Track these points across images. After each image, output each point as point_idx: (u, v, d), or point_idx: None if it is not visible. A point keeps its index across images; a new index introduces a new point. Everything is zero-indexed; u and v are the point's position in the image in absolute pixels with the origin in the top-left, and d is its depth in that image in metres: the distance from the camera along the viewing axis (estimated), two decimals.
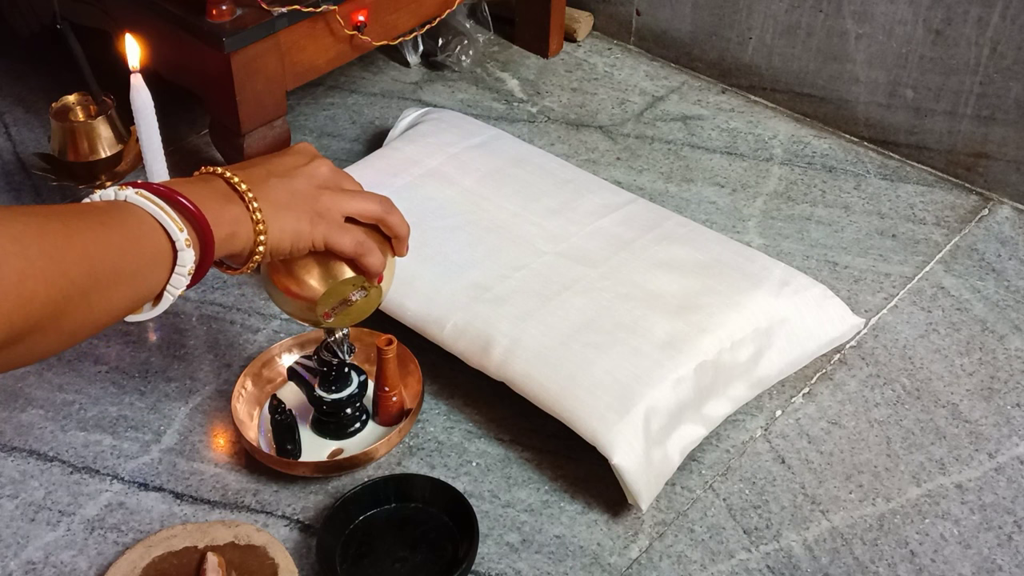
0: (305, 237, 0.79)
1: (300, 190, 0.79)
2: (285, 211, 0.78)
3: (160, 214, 0.69)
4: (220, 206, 0.74)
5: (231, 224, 0.74)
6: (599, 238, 1.11)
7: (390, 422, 1.00)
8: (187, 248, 0.70)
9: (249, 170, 0.78)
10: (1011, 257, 1.20)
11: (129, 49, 1.05)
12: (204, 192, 0.73)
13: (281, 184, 0.79)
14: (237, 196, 0.75)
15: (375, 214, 0.84)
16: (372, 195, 0.85)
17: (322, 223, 0.80)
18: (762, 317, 1.02)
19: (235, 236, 0.75)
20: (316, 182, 0.81)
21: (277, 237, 0.78)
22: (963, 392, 1.05)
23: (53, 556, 0.91)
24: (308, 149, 0.84)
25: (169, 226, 0.69)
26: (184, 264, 0.70)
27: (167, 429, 1.01)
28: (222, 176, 0.76)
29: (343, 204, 0.82)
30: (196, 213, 0.71)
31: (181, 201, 0.70)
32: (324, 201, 0.80)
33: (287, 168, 0.81)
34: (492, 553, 0.91)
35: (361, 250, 0.82)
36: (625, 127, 1.40)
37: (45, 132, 1.31)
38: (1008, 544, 0.92)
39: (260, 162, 0.81)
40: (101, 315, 0.66)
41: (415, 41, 1.50)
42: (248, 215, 0.75)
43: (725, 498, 0.95)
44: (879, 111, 1.34)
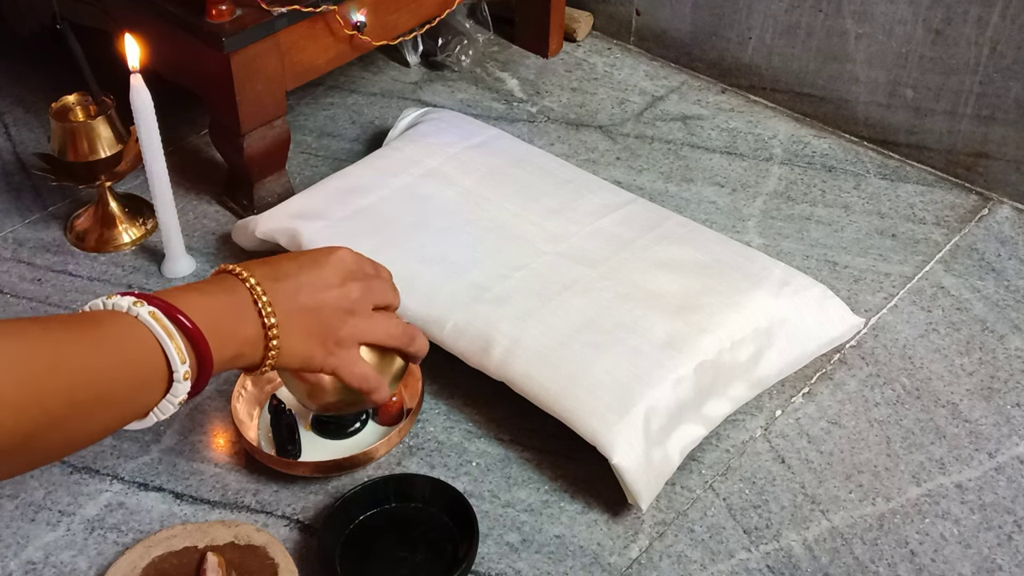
0: (316, 363, 0.77)
1: (324, 316, 0.76)
2: (302, 337, 0.75)
3: (166, 342, 0.65)
4: (234, 326, 0.71)
5: (241, 346, 0.71)
6: (599, 238, 1.11)
7: (390, 422, 1.00)
8: (184, 381, 0.66)
9: (280, 283, 0.74)
10: (1011, 257, 1.20)
11: (129, 49, 1.05)
12: (221, 308, 0.70)
13: (308, 305, 0.75)
14: (257, 316, 0.72)
15: (397, 345, 0.82)
16: (396, 323, 0.82)
17: (338, 352, 0.78)
18: (762, 317, 1.02)
19: (241, 356, 0.72)
20: (344, 306, 0.77)
21: (286, 359, 0.75)
22: (963, 392, 1.05)
23: (53, 556, 0.91)
24: (345, 263, 0.79)
25: (172, 357, 0.65)
26: (176, 395, 0.67)
27: (167, 429, 1.01)
28: (250, 289, 0.73)
29: (367, 333, 0.79)
30: (201, 344, 0.67)
31: (187, 328, 0.67)
32: (347, 329, 0.78)
33: (318, 286, 0.76)
34: (492, 553, 0.91)
35: (367, 388, 0.81)
36: (625, 127, 1.40)
37: (45, 132, 1.31)
38: (1008, 544, 0.92)
39: (292, 272, 0.76)
40: (77, 439, 0.64)
41: (415, 41, 1.50)
42: (263, 342, 0.73)
43: (725, 498, 0.95)
44: (879, 111, 1.34)
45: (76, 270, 1.18)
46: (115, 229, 1.22)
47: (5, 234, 1.23)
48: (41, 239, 1.22)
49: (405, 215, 1.14)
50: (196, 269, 1.18)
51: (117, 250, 1.21)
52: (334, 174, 1.22)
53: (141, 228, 1.23)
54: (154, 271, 1.18)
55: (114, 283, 1.16)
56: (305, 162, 1.34)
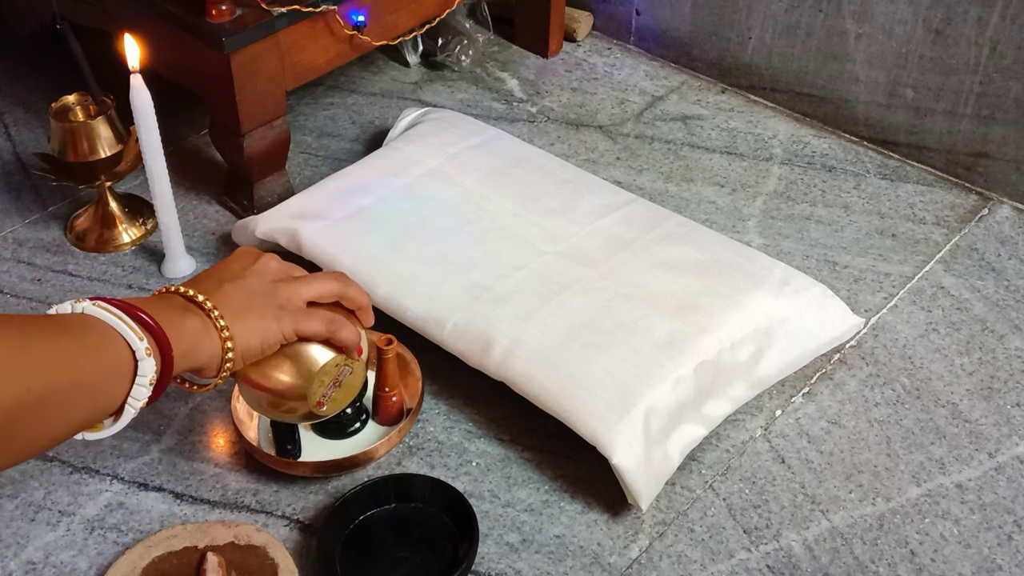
0: (274, 332, 0.79)
1: (256, 289, 0.79)
2: (247, 313, 0.78)
3: (119, 324, 0.68)
4: (180, 319, 0.73)
5: (193, 336, 0.74)
6: (599, 238, 1.11)
7: (390, 422, 1.00)
8: (148, 357, 0.68)
9: (201, 284, 0.78)
10: (1011, 257, 1.20)
11: (129, 49, 1.05)
12: (161, 307, 0.73)
13: (236, 287, 0.78)
14: (196, 307, 0.75)
15: (334, 292, 0.84)
16: (326, 274, 0.85)
17: (286, 315, 0.80)
18: (762, 317, 1.02)
19: (199, 347, 0.74)
20: (269, 277, 0.81)
21: (245, 340, 0.77)
22: (963, 392, 1.05)
23: (53, 556, 0.91)
24: (251, 251, 0.84)
25: (128, 336, 0.68)
26: (145, 374, 0.68)
27: (167, 429, 1.01)
28: (177, 292, 0.76)
29: (301, 291, 0.82)
30: (153, 326, 0.70)
31: (138, 315, 0.69)
32: (282, 293, 0.80)
33: (236, 272, 0.80)
34: (492, 553, 0.91)
35: (333, 327, 0.82)
36: (625, 127, 1.40)
37: (45, 132, 1.31)
38: (1008, 544, 0.92)
39: (209, 274, 0.81)
40: (57, 427, 0.65)
41: (415, 41, 1.50)
42: (211, 324, 0.75)
43: (725, 498, 0.95)
44: (879, 111, 1.34)
45: (76, 270, 1.18)
46: (115, 229, 1.22)
47: (5, 234, 1.23)
48: (41, 239, 1.22)
49: (405, 215, 1.14)
50: (196, 269, 1.18)
51: (117, 250, 1.21)
52: (334, 174, 1.22)
53: (141, 228, 1.23)
54: (154, 271, 1.18)
55: (114, 283, 1.16)
56: (305, 162, 1.34)
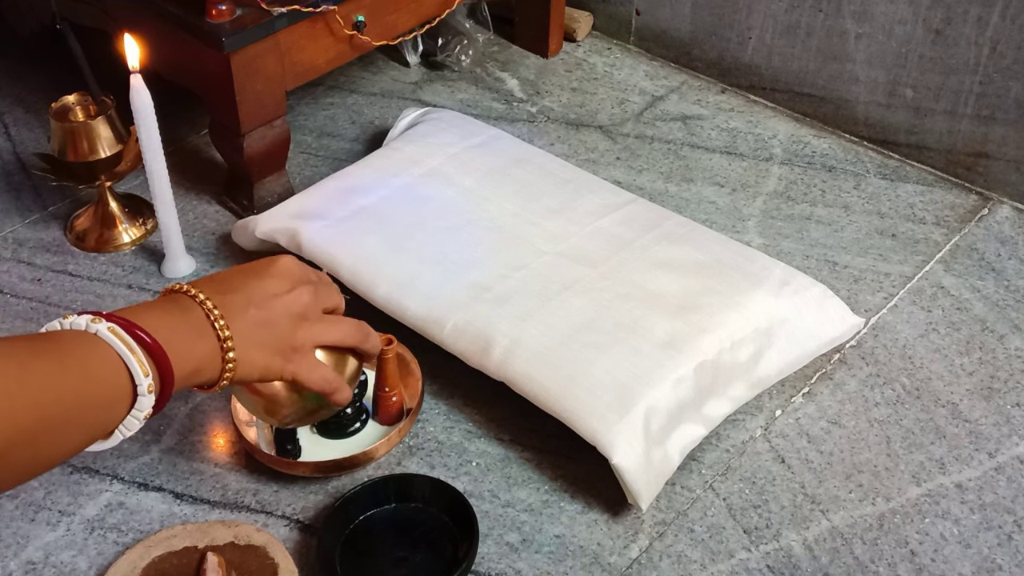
0: (275, 372, 0.78)
1: (278, 324, 0.77)
2: (258, 347, 0.76)
3: (128, 356, 0.66)
4: (191, 342, 0.71)
5: (199, 361, 0.72)
6: (599, 238, 1.11)
7: (390, 422, 1.00)
8: (148, 394, 0.67)
9: (229, 297, 0.75)
10: (1011, 257, 1.20)
11: (129, 49, 1.05)
12: (177, 325, 0.71)
13: (259, 316, 0.76)
14: (212, 332, 0.73)
15: (352, 343, 0.83)
16: (349, 323, 0.84)
17: (295, 358, 0.78)
18: (762, 317, 1.02)
19: (201, 372, 0.73)
20: (296, 311, 0.78)
21: (245, 370, 0.76)
22: (963, 392, 1.05)
23: (53, 556, 0.91)
24: (291, 271, 0.80)
25: (135, 370, 0.66)
26: (141, 409, 0.67)
27: (167, 429, 1.01)
28: (200, 304, 0.73)
29: (321, 336, 0.80)
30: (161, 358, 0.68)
31: (147, 342, 0.68)
32: (301, 335, 0.79)
33: (267, 297, 0.77)
34: (492, 553, 0.91)
35: (328, 389, 0.81)
36: (625, 127, 1.40)
37: (45, 132, 1.31)
38: (1008, 544, 0.92)
39: (240, 285, 0.77)
40: (48, 458, 0.64)
41: (415, 41, 1.50)
42: (220, 354, 0.73)
43: (725, 498, 0.95)
44: (879, 111, 1.34)
45: (76, 270, 1.18)
46: (115, 229, 1.22)
47: (5, 234, 1.23)
48: (41, 239, 1.22)
49: (405, 215, 1.14)
50: (196, 269, 1.18)
51: (117, 250, 1.21)
52: (334, 174, 1.22)
53: (141, 228, 1.23)
54: (154, 271, 1.18)
55: (114, 283, 1.16)
56: (305, 162, 1.34)
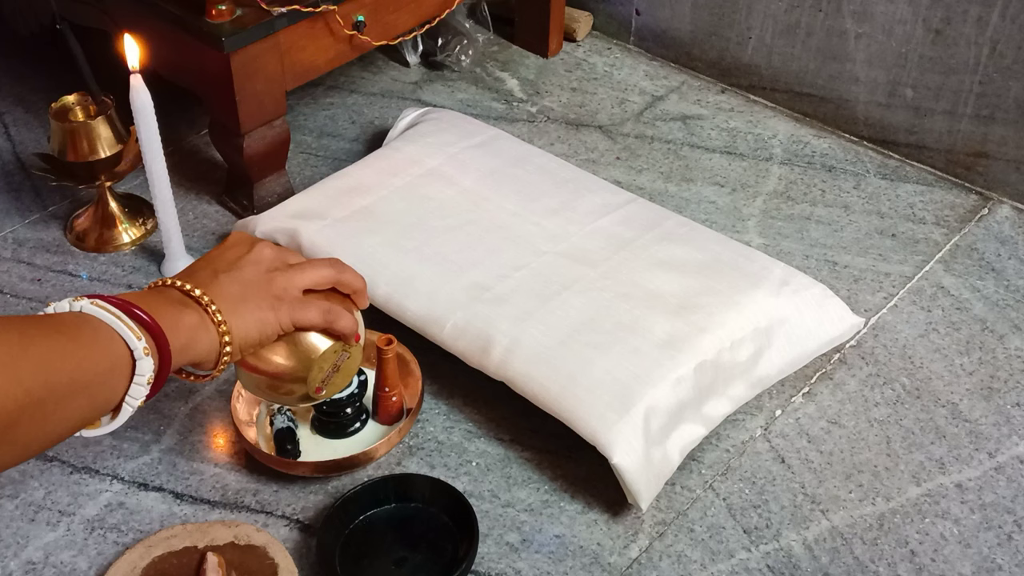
0: (271, 324, 0.78)
1: (251, 279, 0.79)
2: (243, 304, 0.77)
3: (117, 323, 0.67)
4: (176, 313, 0.73)
5: (189, 330, 0.73)
6: (599, 238, 1.11)
7: (390, 422, 1.00)
8: (145, 356, 0.68)
9: (196, 275, 0.78)
10: (1011, 256, 1.20)
11: (129, 49, 1.05)
12: (158, 302, 0.72)
13: (230, 278, 0.77)
14: (192, 301, 0.75)
15: (329, 278, 0.83)
16: (320, 261, 0.84)
17: (283, 305, 0.79)
18: (762, 317, 1.02)
19: (196, 341, 0.73)
20: (264, 266, 0.80)
21: (243, 332, 0.77)
22: (963, 392, 1.05)
23: (53, 556, 0.91)
24: (245, 237, 0.83)
25: (126, 335, 0.67)
26: (143, 373, 0.68)
27: (167, 429, 1.01)
28: (173, 286, 0.76)
29: (296, 280, 0.81)
30: (151, 323, 0.70)
31: (136, 312, 0.69)
32: (278, 283, 0.79)
33: (231, 261, 0.79)
34: (492, 553, 0.91)
35: (330, 317, 0.81)
36: (625, 127, 1.40)
37: (45, 132, 1.31)
38: (1008, 543, 0.92)
39: (203, 264, 0.80)
40: (57, 426, 0.65)
41: (415, 41, 1.50)
42: (208, 318, 0.74)
43: (725, 498, 0.95)
44: (879, 111, 1.34)
45: (76, 270, 1.18)
46: (115, 229, 1.22)
47: (5, 234, 1.23)
48: (41, 239, 1.22)
49: (405, 215, 1.14)
50: None
51: (117, 250, 1.21)
52: (334, 174, 1.22)
53: (141, 228, 1.23)
54: (154, 271, 1.18)
55: (114, 283, 1.16)
56: (305, 162, 1.34)
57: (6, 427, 0.60)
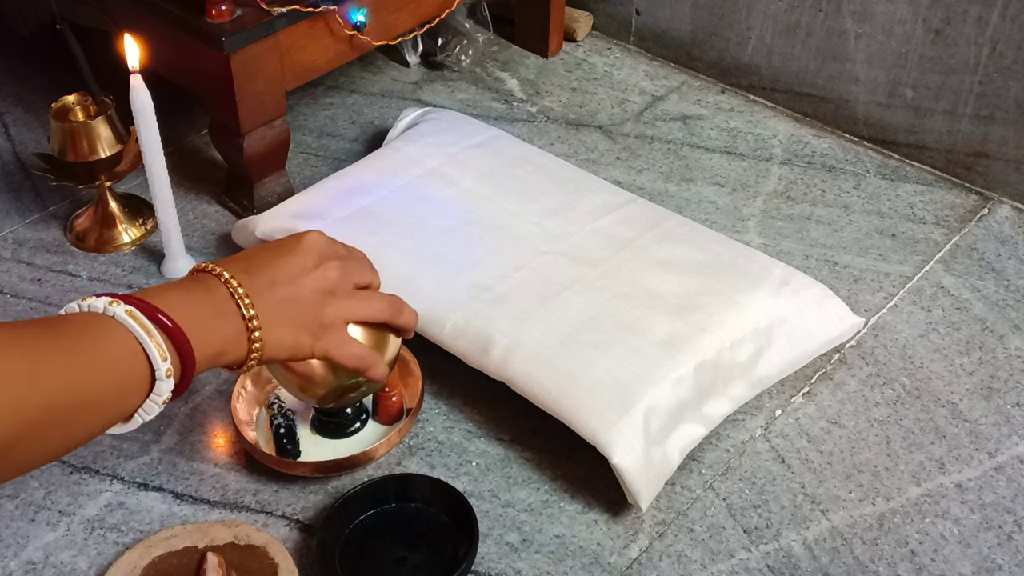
0: (305, 349, 0.76)
1: (305, 301, 0.75)
2: (285, 325, 0.74)
3: (145, 339, 0.64)
4: (214, 324, 0.69)
5: (222, 343, 0.70)
6: (599, 238, 1.11)
7: (390, 422, 1.00)
8: (167, 379, 0.65)
9: (254, 276, 0.73)
10: (1011, 256, 1.20)
11: (129, 49, 1.05)
12: (199, 305, 0.69)
13: (286, 293, 0.74)
14: (236, 311, 0.71)
15: (384, 319, 0.81)
16: (381, 298, 0.81)
17: (325, 335, 0.76)
18: (762, 316, 1.02)
19: (225, 353, 0.71)
20: (324, 288, 0.76)
21: (273, 350, 0.74)
22: (963, 392, 1.05)
23: (53, 556, 0.91)
24: (318, 245, 0.78)
25: (153, 354, 0.64)
26: (160, 394, 0.65)
27: (167, 429, 1.01)
28: (225, 283, 0.71)
29: (349, 313, 0.78)
30: (180, 340, 0.66)
31: (167, 325, 0.66)
32: (329, 311, 0.76)
33: (294, 273, 0.75)
34: (492, 553, 0.91)
35: (362, 365, 0.79)
36: (625, 127, 1.40)
37: (45, 132, 1.31)
38: (1008, 543, 0.92)
39: (266, 263, 0.75)
40: (58, 446, 0.63)
41: (415, 41, 1.50)
42: (245, 333, 0.71)
43: (725, 498, 0.95)
44: (879, 111, 1.34)
45: (76, 270, 1.18)
46: (115, 229, 1.22)
47: (5, 234, 1.23)
48: (41, 239, 1.22)
49: (405, 215, 1.14)
50: None
51: (117, 250, 1.21)
52: (334, 174, 1.22)
53: (141, 228, 1.23)
54: (154, 271, 1.18)
55: (114, 283, 1.16)
56: (305, 162, 1.34)
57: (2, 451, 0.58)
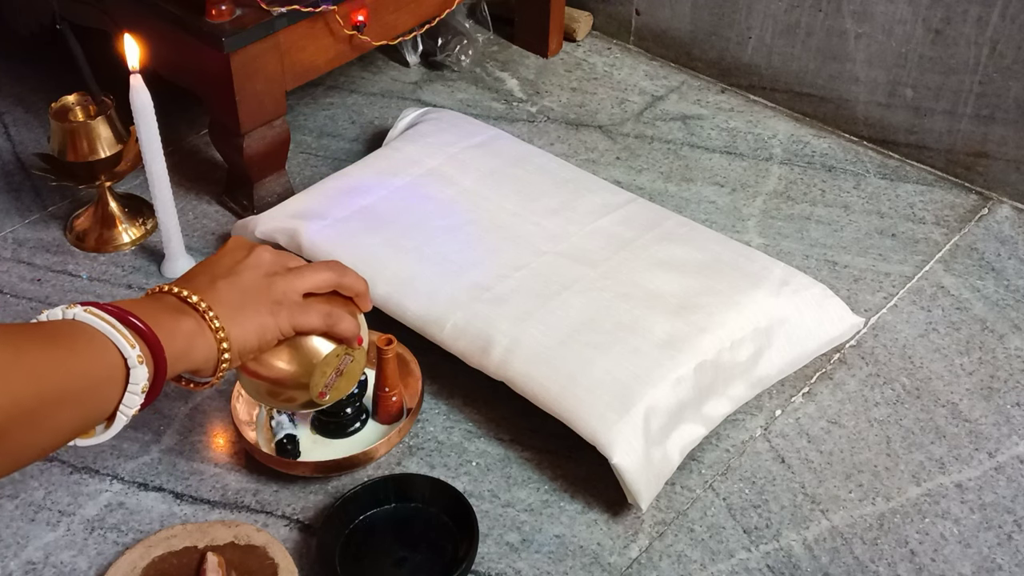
0: (271, 329, 0.78)
1: (250, 284, 0.78)
2: (241, 310, 0.76)
3: (110, 331, 0.66)
4: (173, 321, 0.72)
5: (186, 337, 0.72)
6: (599, 238, 1.11)
7: (390, 422, 1.00)
8: (139, 365, 0.67)
9: (193, 280, 0.77)
10: (1011, 256, 1.20)
11: (129, 49, 1.05)
12: (155, 309, 0.72)
13: (229, 284, 0.77)
14: (189, 308, 0.74)
15: (330, 282, 0.83)
16: (321, 264, 0.84)
17: (282, 310, 0.78)
18: (762, 316, 1.02)
19: (193, 348, 0.73)
20: (263, 271, 0.79)
21: (241, 338, 0.76)
22: (963, 391, 1.05)
23: (53, 556, 0.91)
24: (242, 243, 0.82)
25: (120, 343, 0.66)
26: (137, 382, 0.67)
27: (167, 429, 1.01)
28: (170, 292, 0.75)
29: (297, 283, 0.80)
30: (145, 331, 0.69)
31: (131, 320, 0.68)
32: (277, 287, 0.79)
33: (229, 267, 0.78)
34: (492, 553, 0.91)
35: (331, 321, 0.80)
36: (625, 127, 1.40)
37: (45, 132, 1.31)
38: (1008, 543, 0.92)
39: (201, 270, 0.79)
40: (47, 437, 0.64)
41: (415, 41, 1.50)
42: (205, 325, 0.73)
43: (725, 497, 0.95)
44: (879, 111, 1.34)
45: (76, 270, 1.18)
46: (115, 229, 1.22)
47: (5, 234, 1.23)
48: (41, 239, 1.22)
49: (405, 215, 1.14)
50: None
51: (117, 250, 1.21)
52: (334, 174, 1.22)
53: (141, 228, 1.23)
54: (154, 271, 1.18)
55: (114, 283, 1.16)
56: (305, 162, 1.34)
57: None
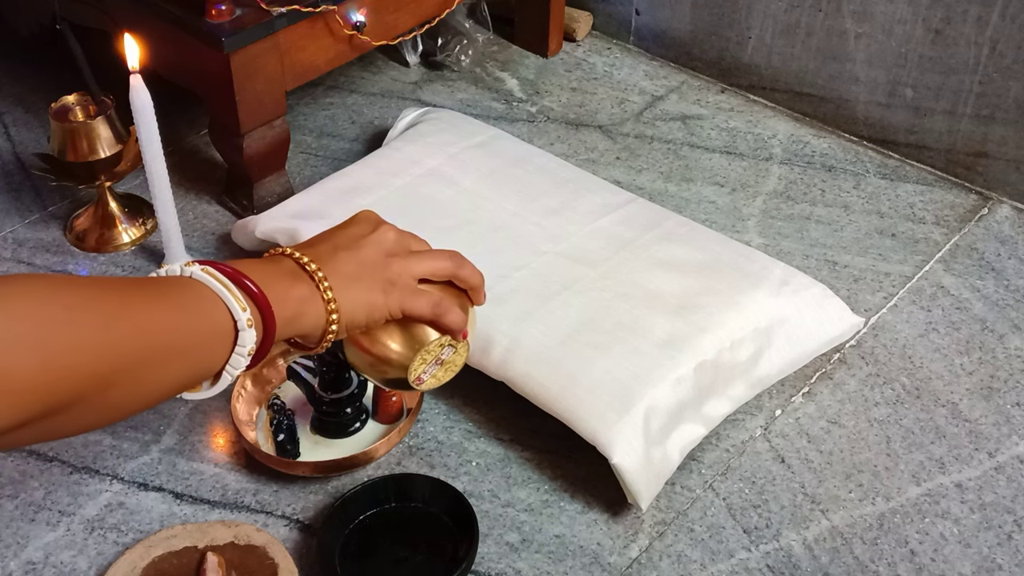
0: (380, 308, 0.78)
1: (369, 260, 0.78)
2: (356, 284, 0.76)
3: (223, 291, 0.67)
4: (287, 286, 0.73)
5: (298, 303, 0.73)
6: (599, 238, 1.11)
7: (390, 422, 1.00)
8: (248, 328, 0.68)
9: (316, 247, 0.77)
10: (1011, 256, 1.20)
11: (128, 49, 1.05)
12: (271, 272, 0.72)
13: (349, 256, 0.77)
14: (306, 275, 0.74)
15: (446, 271, 0.82)
16: (442, 253, 0.83)
17: (395, 291, 0.78)
18: (762, 316, 1.02)
19: (303, 315, 0.73)
20: (384, 249, 0.79)
21: (350, 312, 0.76)
22: (963, 391, 1.05)
23: (53, 556, 0.91)
24: (371, 216, 0.82)
25: (232, 304, 0.67)
26: (244, 344, 0.68)
27: (167, 429, 1.01)
28: (290, 256, 0.75)
29: (414, 267, 0.80)
30: (258, 295, 0.69)
31: (245, 282, 0.69)
32: (394, 268, 0.79)
33: (353, 239, 0.79)
34: (492, 553, 0.91)
35: (439, 311, 0.80)
36: (624, 127, 1.40)
37: (45, 132, 1.31)
38: (1008, 543, 0.92)
39: (326, 237, 0.80)
40: (151, 391, 0.65)
41: (414, 41, 1.50)
42: (318, 294, 0.74)
43: (725, 497, 0.95)
44: (879, 110, 1.34)
45: (76, 270, 1.18)
46: (115, 229, 1.22)
47: (5, 234, 1.23)
48: (41, 239, 1.22)
49: (405, 215, 1.13)
50: None
51: (117, 250, 1.21)
52: (334, 174, 1.22)
53: (141, 228, 1.23)
54: (154, 271, 1.18)
55: None
56: (305, 162, 1.34)
57: (100, 390, 0.61)
